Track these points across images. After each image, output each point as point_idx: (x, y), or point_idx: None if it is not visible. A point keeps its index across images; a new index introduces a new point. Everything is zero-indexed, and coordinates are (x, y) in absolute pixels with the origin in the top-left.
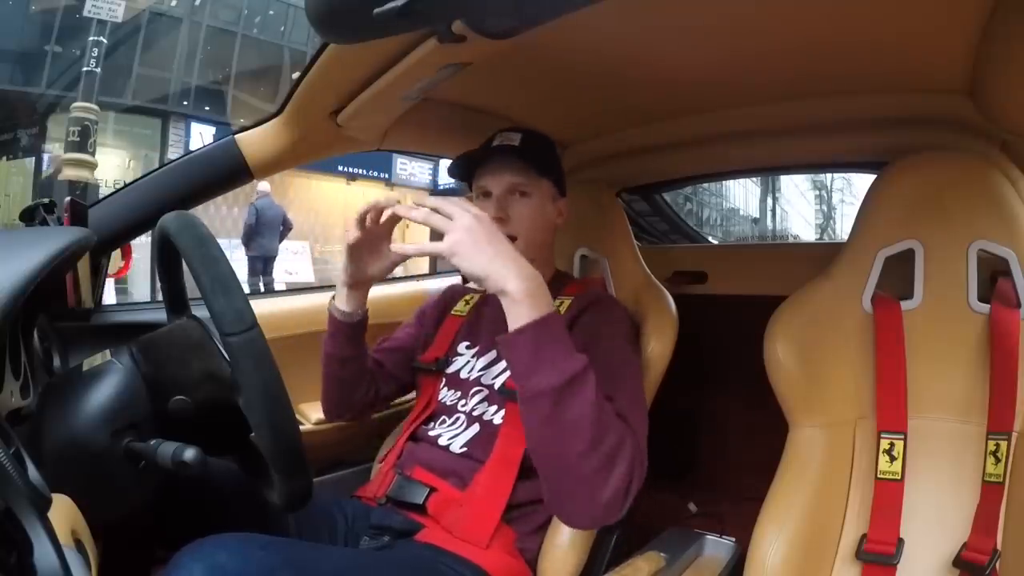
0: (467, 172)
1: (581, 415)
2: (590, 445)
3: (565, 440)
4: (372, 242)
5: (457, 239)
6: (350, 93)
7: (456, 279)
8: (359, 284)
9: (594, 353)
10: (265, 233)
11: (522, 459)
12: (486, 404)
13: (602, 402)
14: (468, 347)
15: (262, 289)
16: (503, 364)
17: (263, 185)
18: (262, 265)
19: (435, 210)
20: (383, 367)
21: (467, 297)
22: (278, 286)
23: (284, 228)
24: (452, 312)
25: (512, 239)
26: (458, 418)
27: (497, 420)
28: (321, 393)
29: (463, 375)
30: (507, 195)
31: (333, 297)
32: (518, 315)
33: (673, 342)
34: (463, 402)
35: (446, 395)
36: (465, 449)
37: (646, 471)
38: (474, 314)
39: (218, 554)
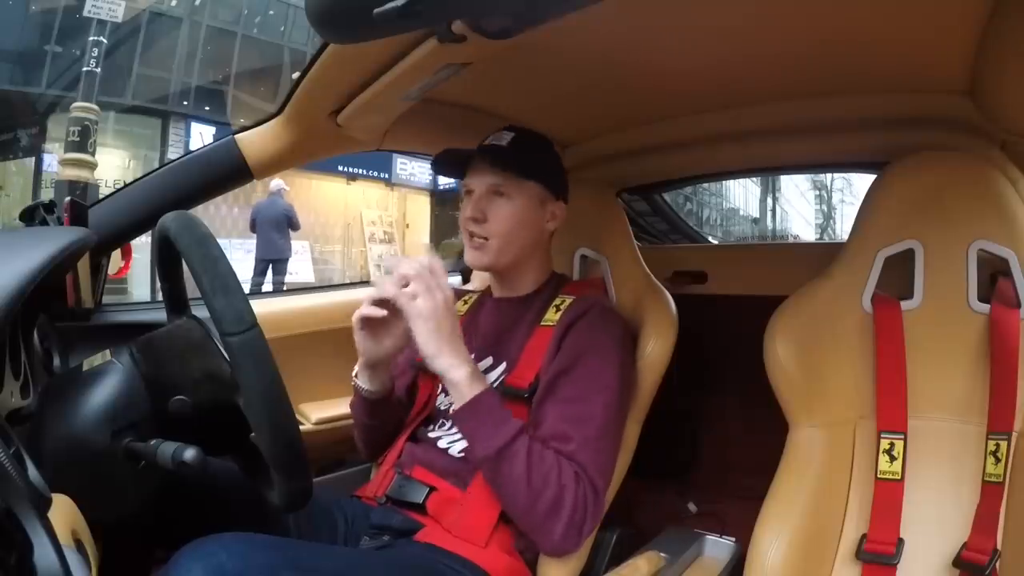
0: (460, 171)
1: (516, 477)
2: (529, 500)
3: (509, 496)
4: (381, 320)
5: (421, 315)
6: (350, 93)
7: (455, 280)
8: (378, 363)
9: (574, 372)
10: (264, 233)
11: None
12: None
13: (538, 460)
14: None
15: (264, 289)
16: (500, 368)
17: (274, 183)
18: (262, 265)
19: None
20: (398, 396)
21: (465, 297)
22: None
23: (291, 228)
24: None
25: (484, 239)
26: (454, 423)
27: None
28: (356, 437)
29: None
30: (487, 195)
31: (356, 374)
32: (458, 396)
33: (673, 342)
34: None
35: (443, 400)
36: (463, 454)
37: (603, 504)
38: (471, 316)
39: (218, 554)
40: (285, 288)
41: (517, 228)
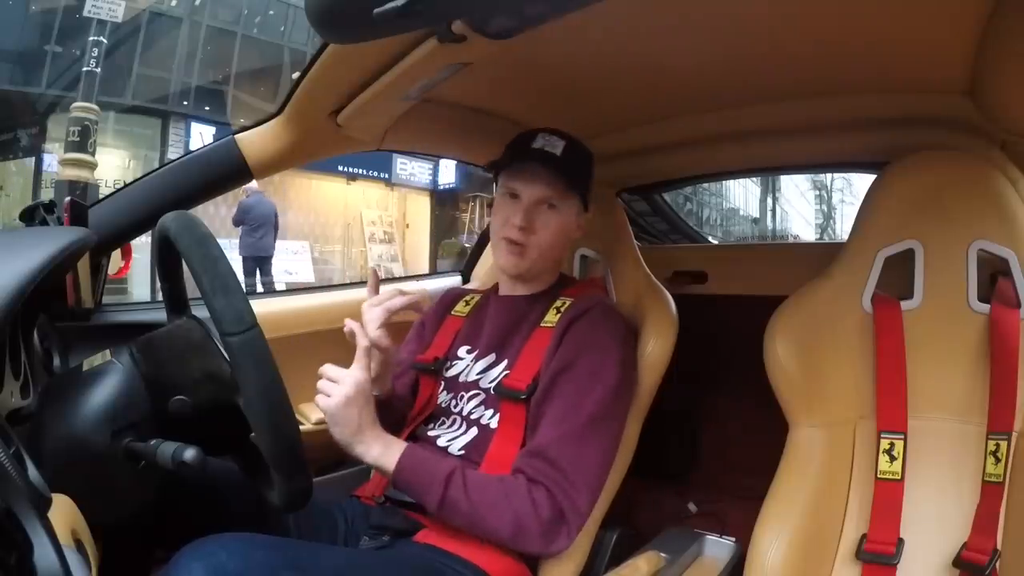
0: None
1: (464, 516)
2: (490, 529)
3: (474, 531)
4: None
5: (333, 406)
6: (350, 93)
7: (454, 280)
8: (379, 375)
9: (573, 370)
10: (252, 232)
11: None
12: (482, 408)
13: (478, 496)
14: (468, 351)
15: (258, 290)
16: (501, 366)
17: (251, 183)
18: (252, 264)
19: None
20: (400, 395)
21: (467, 298)
22: (278, 286)
23: (275, 227)
24: (452, 312)
25: (523, 246)
26: (455, 420)
27: (493, 424)
28: None
29: (461, 379)
30: (537, 205)
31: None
32: (384, 471)
33: (673, 342)
34: (455, 404)
35: (443, 397)
36: (463, 452)
37: (583, 497)
38: (474, 315)
39: (218, 554)
40: (285, 288)
41: (559, 240)
